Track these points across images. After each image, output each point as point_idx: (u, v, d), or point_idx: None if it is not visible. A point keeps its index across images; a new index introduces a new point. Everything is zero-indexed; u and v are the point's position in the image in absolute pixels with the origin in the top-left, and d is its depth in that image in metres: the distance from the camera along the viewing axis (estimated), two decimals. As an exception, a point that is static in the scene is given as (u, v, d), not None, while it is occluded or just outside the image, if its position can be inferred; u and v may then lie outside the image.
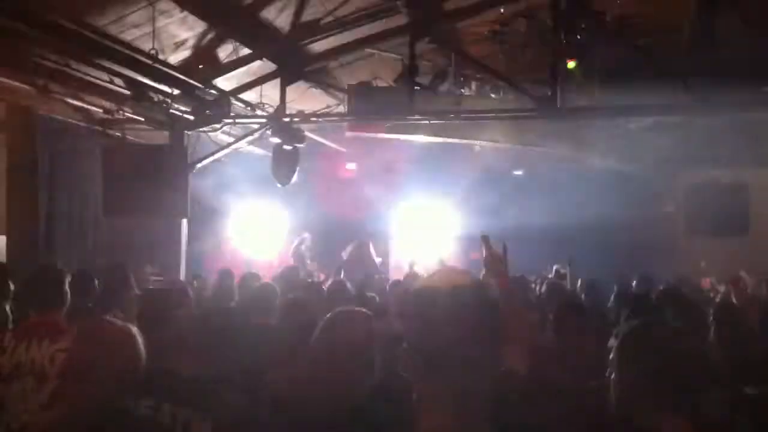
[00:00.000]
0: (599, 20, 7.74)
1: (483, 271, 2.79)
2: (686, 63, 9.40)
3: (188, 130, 9.93)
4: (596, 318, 5.67)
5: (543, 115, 9.48)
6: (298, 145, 9.82)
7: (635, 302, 5.19)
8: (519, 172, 14.92)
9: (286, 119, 9.65)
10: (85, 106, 8.82)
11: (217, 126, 9.96)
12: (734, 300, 7.91)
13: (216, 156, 10.37)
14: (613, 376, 2.48)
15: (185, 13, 7.67)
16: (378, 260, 11.66)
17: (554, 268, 10.60)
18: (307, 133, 10.30)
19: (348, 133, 11.47)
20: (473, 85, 11.41)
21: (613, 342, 2.54)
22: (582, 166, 13.63)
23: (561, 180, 13.25)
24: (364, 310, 3.20)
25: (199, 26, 8.22)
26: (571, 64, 8.89)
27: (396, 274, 11.85)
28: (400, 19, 9.03)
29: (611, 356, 2.50)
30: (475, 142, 12.52)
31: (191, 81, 8.91)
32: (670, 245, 13.49)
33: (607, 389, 2.53)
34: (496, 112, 10.71)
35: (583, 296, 7.70)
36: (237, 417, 3.10)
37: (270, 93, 9.98)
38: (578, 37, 7.75)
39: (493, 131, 11.82)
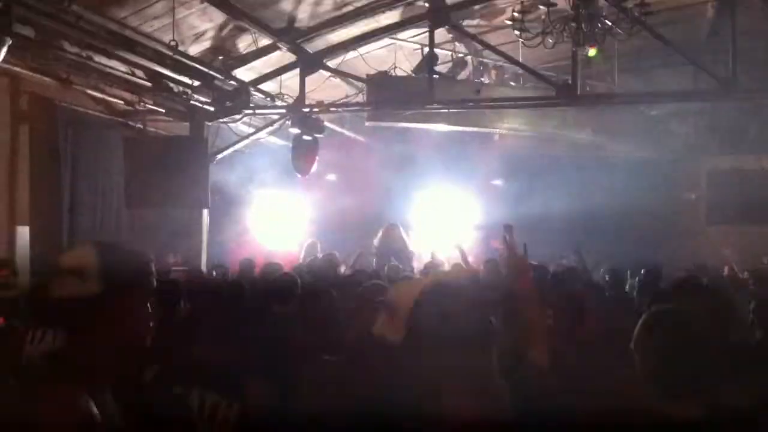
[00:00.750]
0: (620, 7, 7.66)
1: (506, 264, 2.89)
2: (706, 50, 9.34)
3: (208, 121, 9.98)
4: (620, 306, 5.65)
5: (563, 102, 9.44)
6: (317, 135, 9.84)
7: (653, 293, 5.12)
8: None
9: (306, 109, 9.67)
10: (107, 97, 8.89)
11: (237, 117, 10.00)
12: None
13: (236, 146, 10.42)
14: (635, 363, 2.49)
15: (205, 4, 7.70)
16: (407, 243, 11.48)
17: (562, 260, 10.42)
18: (326, 123, 10.32)
19: (367, 123, 11.46)
20: (493, 74, 11.38)
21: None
22: (603, 153, 13.55)
23: (582, 167, 13.16)
24: None
25: (219, 17, 8.24)
26: (591, 52, 8.83)
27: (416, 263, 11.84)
28: (419, 8, 9.01)
29: (632, 344, 2.51)
30: (495, 130, 12.47)
31: (211, 72, 8.95)
32: (692, 232, 13.38)
33: (628, 378, 2.54)
34: (516, 100, 10.68)
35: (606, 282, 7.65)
36: (264, 403, 3.14)
37: (289, 83, 10.01)
38: (598, 24, 7.68)
39: (513, 119, 11.78)
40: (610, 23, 7.64)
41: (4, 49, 5.49)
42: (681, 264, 9.34)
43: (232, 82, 9.53)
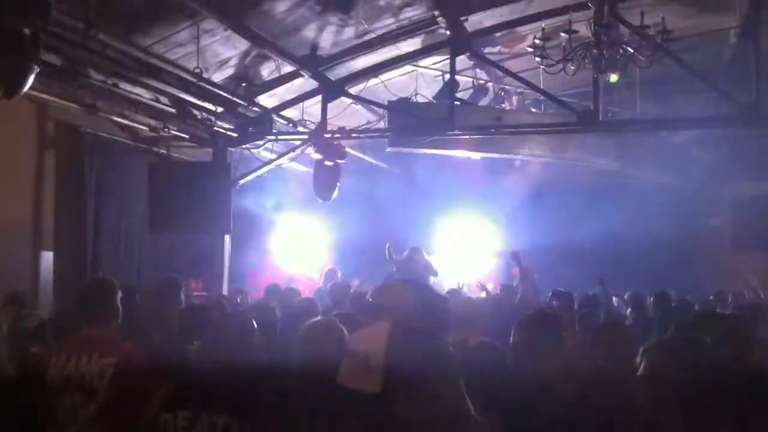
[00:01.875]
0: (641, 34, 7.66)
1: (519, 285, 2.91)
2: (729, 76, 9.29)
3: (231, 147, 10.07)
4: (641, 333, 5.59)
5: (585, 128, 9.43)
6: (339, 161, 9.87)
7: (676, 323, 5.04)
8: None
9: (327, 135, 9.72)
10: (131, 123, 8.99)
11: (260, 143, 10.10)
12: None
13: (259, 172, 10.49)
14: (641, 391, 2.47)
15: (229, 32, 7.80)
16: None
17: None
18: (347, 150, 10.36)
19: (389, 149, 11.49)
20: (514, 100, 11.39)
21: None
22: (626, 179, 13.48)
23: (604, 194, 13.10)
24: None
25: (242, 44, 8.34)
26: (613, 78, 8.82)
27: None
28: (440, 36, 9.07)
29: (639, 371, 2.50)
30: (516, 156, 12.46)
31: (235, 98, 9.04)
32: (717, 260, 13.24)
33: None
34: (538, 127, 10.67)
35: (628, 311, 7.62)
36: (275, 418, 3.10)
37: (312, 110, 10.08)
38: (620, 50, 7.68)
39: (534, 145, 11.76)
40: (631, 50, 7.63)
41: (32, 77, 5.57)
42: (706, 291, 9.23)
43: (255, 109, 9.63)
